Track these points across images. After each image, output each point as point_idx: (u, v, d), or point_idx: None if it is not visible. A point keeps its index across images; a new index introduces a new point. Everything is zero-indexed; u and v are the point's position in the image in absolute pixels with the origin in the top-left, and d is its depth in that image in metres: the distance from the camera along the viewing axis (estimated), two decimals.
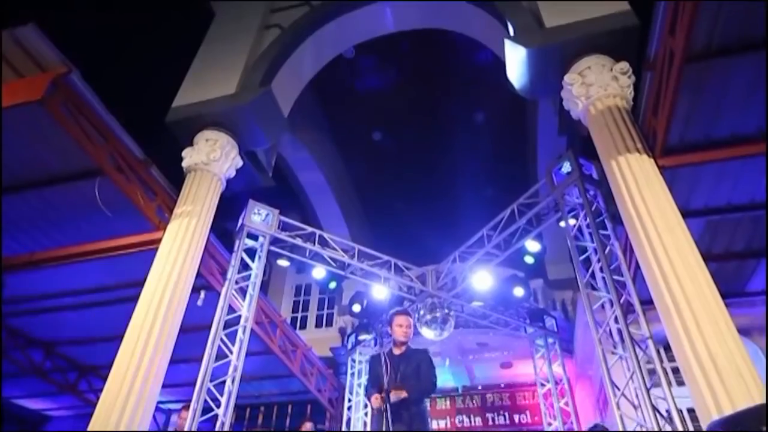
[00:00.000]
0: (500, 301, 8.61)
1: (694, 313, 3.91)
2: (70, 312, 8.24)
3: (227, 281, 6.51)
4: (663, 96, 4.64)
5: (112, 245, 5.88)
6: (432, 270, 8.37)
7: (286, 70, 6.78)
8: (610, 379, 4.79)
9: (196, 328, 7.01)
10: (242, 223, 6.95)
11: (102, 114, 5.15)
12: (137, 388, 4.67)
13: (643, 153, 4.70)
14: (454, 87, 10.78)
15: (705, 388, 3.75)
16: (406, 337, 4.28)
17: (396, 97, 11.19)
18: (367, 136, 12.31)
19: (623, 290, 5.23)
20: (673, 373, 7.60)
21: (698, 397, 3.75)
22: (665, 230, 4.24)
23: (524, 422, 10.43)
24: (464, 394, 11.06)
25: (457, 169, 11.54)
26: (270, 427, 11.71)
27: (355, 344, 9.84)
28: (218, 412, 5.63)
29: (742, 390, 3.58)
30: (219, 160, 6.31)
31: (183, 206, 5.79)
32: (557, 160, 6.40)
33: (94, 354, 9.59)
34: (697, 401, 3.79)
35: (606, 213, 5.88)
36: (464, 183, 11.51)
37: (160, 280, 5.26)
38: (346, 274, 7.96)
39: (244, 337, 6.19)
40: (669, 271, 4.13)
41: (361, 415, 9.25)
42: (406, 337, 4.28)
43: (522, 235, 7.09)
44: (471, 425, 10.65)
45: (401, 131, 11.79)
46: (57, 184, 5.82)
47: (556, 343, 9.24)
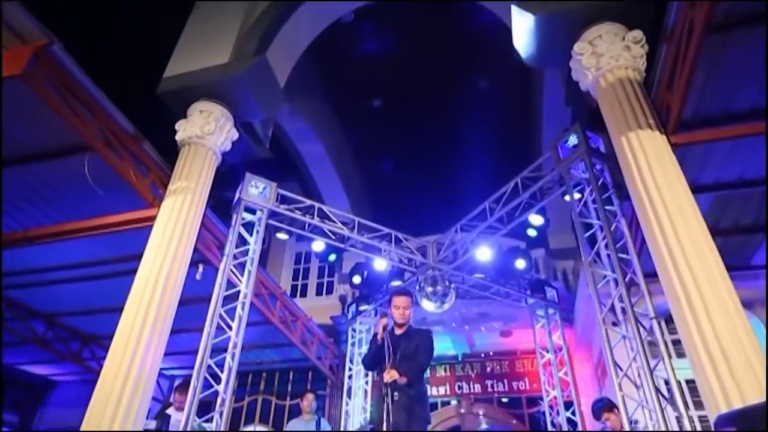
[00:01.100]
0: (502, 273, 8.54)
1: (699, 288, 3.83)
2: (69, 284, 8.20)
3: (225, 256, 6.41)
4: (680, 69, 4.39)
5: (106, 222, 5.74)
6: (433, 242, 8.27)
7: (281, 38, 6.46)
8: (613, 359, 4.74)
9: (196, 299, 6.98)
10: (239, 196, 6.80)
11: (89, 87, 4.90)
12: (138, 359, 4.67)
13: (655, 129, 4.49)
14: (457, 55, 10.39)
15: (706, 359, 3.72)
16: (403, 318, 4.24)
17: (396, 65, 10.81)
18: (367, 106, 11.97)
19: (628, 269, 5.13)
20: (674, 345, 7.63)
21: (699, 369, 3.73)
22: (675, 210, 4.10)
23: (523, 389, 10.58)
24: (464, 362, 11.18)
25: (458, 139, 11.25)
26: (272, 393, 11.88)
27: (356, 314, 9.86)
28: (218, 388, 5.63)
29: (743, 361, 3.55)
30: (213, 133, 6.10)
31: (177, 182, 5.62)
32: (563, 134, 6.18)
33: (95, 324, 9.63)
34: (697, 372, 3.76)
35: (613, 188, 5.72)
36: (466, 153, 11.26)
37: (156, 258, 5.16)
38: (345, 247, 7.87)
39: (244, 313, 6.14)
40: (676, 247, 4.03)
41: (362, 383, 9.36)
42: (403, 318, 4.24)
43: (525, 209, 6.94)
44: (470, 392, 10.80)
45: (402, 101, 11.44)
46: (47, 160, 5.63)
47: (557, 314, 9.25)
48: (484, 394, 10.75)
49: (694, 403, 7.11)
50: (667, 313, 4.90)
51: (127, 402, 4.53)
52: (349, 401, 9.20)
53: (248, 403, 11.89)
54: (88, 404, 4.53)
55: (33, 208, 6.38)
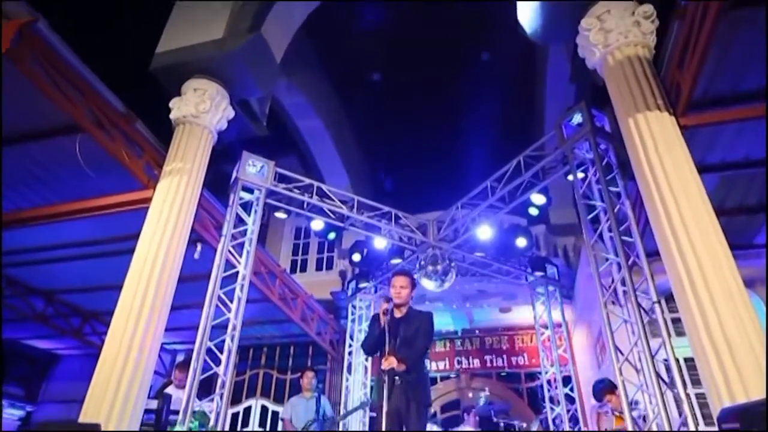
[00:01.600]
0: (502, 251, 8.50)
1: (702, 267, 3.79)
2: (67, 263, 8.16)
3: (223, 237, 6.34)
4: (692, 48, 4.21)
5: (100, 204, 5.64)
6: (433, 221, 8.19)
7: (276, 12, 6.21)
8: (614, 344, 4.72)
9: (195, 277, 6.93)
10: (236, 176, 6.68)
11: (77, 66, 4.73)
12: (138, 338, 4.68)
13: (664, 110, 4.35)
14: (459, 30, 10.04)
15: (706, 338, 3.69)
16: (400, 298, 4.15)
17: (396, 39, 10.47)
18: (366, 80, 11.68)
19: (632, 252, 5.06)
20: (673, 323, 7.64)
21: (698, 348, 3.72)
22: (681, 193, 4.02)
23: (522, 364, 10.68)
24: (463, 337, 11.25)
25: (459, 116, 11.02)
26: (273, 367, 12.01)
27: (356, 291, 9.86)
28: (218, 370, 5.63)
29: (743, 341, 3.53)
30: (209, 111, 5.94)
31: (173, 163, 5.50)
32: (568, 112, 6.02)
33: (95, 301, 9.65)
34: (696, 351, 3.76)
35: (617, 169, 5.60)
36: (467, 130, 11.04)
37: (152, 242, 5.09)
38: (345, 226, 7.79)
39: (243, 294, 6.10)
40: (680, 229, 3.98)
41: (361, 360, 9.42)
42: (400, 298, 4.15)
43: (527, 188, 6.83)
44: (469, 367, 10.91)
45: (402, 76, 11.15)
46: (39, 140, 5.49)
47: (557, 291, 9.25)
48: (483, 368, 10.85)
49: (691, 380, 7.19)
50: (668, 292, 4.90)
51: (129, 378, 4.55)
52: (350, 377, 9.28)
53: (250, 377, 12.04)
54: (92, 378, 4.55)
55: (27, 188, 6.27)
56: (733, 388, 3.46)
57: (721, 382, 3.56)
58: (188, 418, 4.71)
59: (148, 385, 4.88)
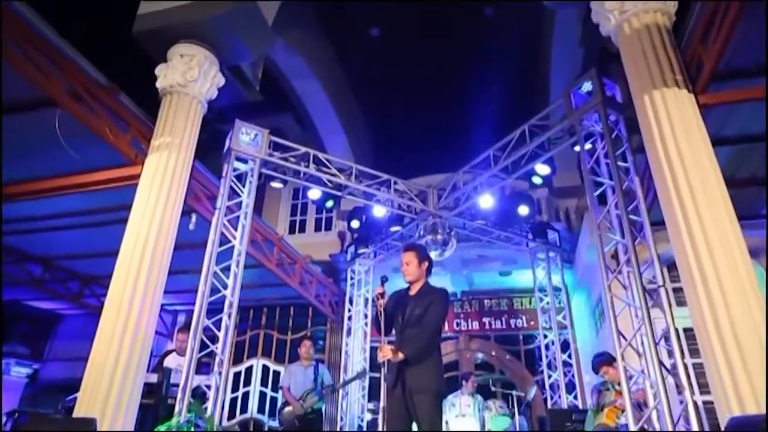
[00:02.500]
0: (504, 218, 8.34)
1: (707, 237, 3.67)
2: (61, 231, 8.02)
3: (217, 210, 6.16)
4: (719, 21, 3.87)
5: (88, 180, 5.43)
6: (434, 188, 7.97)
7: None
8: (617, 329, 4.63)
9: (192, 245, 6.80)
10: (229, 146, 6.41)
11: (50, 37, 4.38)
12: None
13: (683, 87, 4.06)
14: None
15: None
16: (409, 275, 3.89)
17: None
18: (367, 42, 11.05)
19: (638, 233, 4.89)
20: (674, 292, 7.59)
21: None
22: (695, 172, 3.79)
23: (520, 326, 10.76)
24: (463, 300, 11.28)
25: (462, 80, 10.50)
26: (273, 327, 12.13)
27: (354, 256, 9.77)
28: (216, 349, 5.59)
29: (744, 308, 3.45)
30: (197, 80, 5.60)
31: (161, 137, 5.23)
32: (577, 80, 5.68)
33: (93, 266, 9.59)
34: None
35: (627, 143, 5.34)
36: (470, 95, 10.58)
37: (142, 222, 4.91)
38: (343, 195, 7.60)
39: (239, 270, 5.98)
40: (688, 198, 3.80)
41: (361, 324, 9.46)
42: (409, 275, 3.89)
43: (532, 158, 6.58)
44: (468, 329, 11.00)
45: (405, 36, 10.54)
46: (18, 113, 5.19)
47: (558, 257, 9.17)
48: (482, 331, 10.95)
49: (690, 351, 7.22)
50: (671, 260, 4.78)
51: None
52: (349, 341, 9.35)
53: (250, 337, 12.18)
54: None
55: (10, 161, 6.02)
56: (731, 359, 3.37)
57: (718, 349, 3.47)
58: (185, 409, 4.68)
59: (149, 345, 4.83)
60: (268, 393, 11.34)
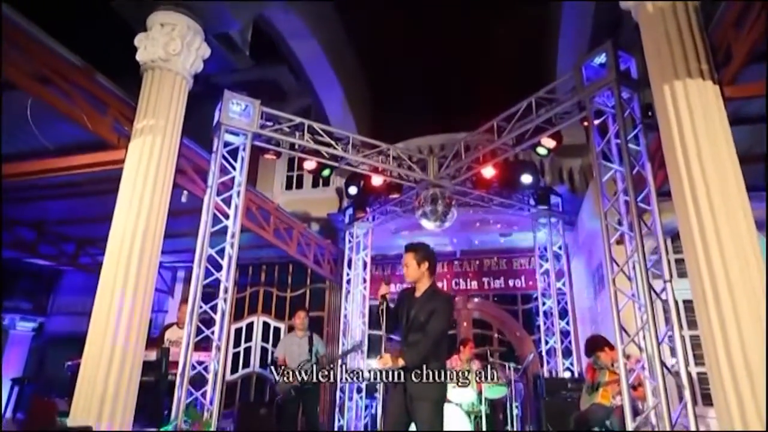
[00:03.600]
0: (506, 186, 8.11)
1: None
2: (51, 200, 7.81)
3: (209, 188, 5.93)
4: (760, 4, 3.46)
5: (70, 164, 5.16)
6: (434, 157, 7.68)
7: None
8: (620, 324, 4.54)
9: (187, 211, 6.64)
10: (218, 120, 6.07)
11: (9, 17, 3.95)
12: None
13: (708, 78, 3.72)
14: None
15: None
16: (408, 277, 3.84)
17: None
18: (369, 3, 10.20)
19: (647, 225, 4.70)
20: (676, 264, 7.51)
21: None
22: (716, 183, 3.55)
23: (519, 286, 10.78)
24: (462, 259, 11.23)
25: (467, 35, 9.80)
26: (272, 284, 12.19)
27: (352, 219, 9.62)
28: (212, 336, 5.54)
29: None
30: (180, 53, 5.18)
31: (143, 120, 4.89)
32: (590, 54, 5.27)
33: (88, 231, 9.45)
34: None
35: (641, 125, 5.03)
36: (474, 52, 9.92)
37: (129, 212, 4.68)
38: (339, 165, 7.32)
39: (233, 253, 5.84)
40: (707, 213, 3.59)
41: (360, 289, 9.45)
42: (408, 277, 3.84)
43: (537, 132, 6.27)
44: (467, 288, 11.04)
45: None
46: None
47: (559, 222, 9.03)
48: (481, 290, 10.99)
49: (688, 323, 7.23)
50: (674, 230, 4.63)
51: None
52: (348, 305, 9.38)
53: (250, 294, 12.27)
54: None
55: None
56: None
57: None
58: (180, 416, 4.68)
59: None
60: (269, 348, 11.57)
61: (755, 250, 3.51)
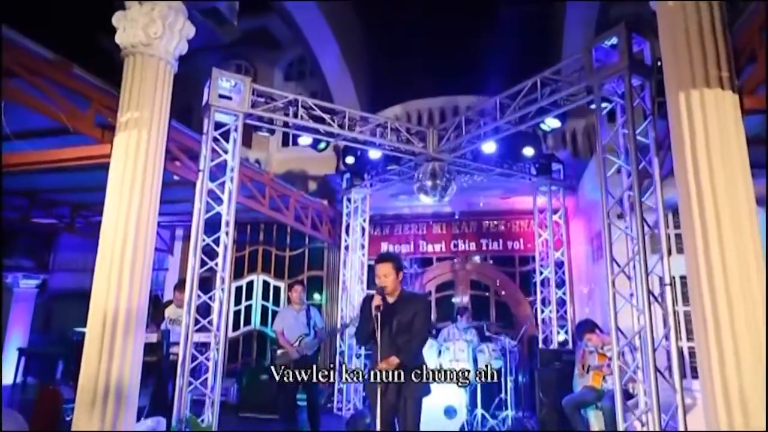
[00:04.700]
0: (507, 157, 7.90)
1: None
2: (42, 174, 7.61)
3: (201, 173, 5.76)
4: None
5: (54, 158, 4.95)
6: (433, 130, 7.41)
7: None
8: (616, 324, 4.54)
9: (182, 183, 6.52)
10: (207, 100, 5.79)
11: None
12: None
13: (727, 88, 3.47)
14: None
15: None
16: (387, 287, 3.96)
17: None
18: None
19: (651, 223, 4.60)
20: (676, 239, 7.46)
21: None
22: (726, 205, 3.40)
23: (517, 249, 10.79)
24: (461, 220, 11.16)
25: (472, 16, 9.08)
26: (271, 244, 12.23)
27: (350, 185, 9.46)
28: (211, 327, 5.57)
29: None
30: (162, 36, 4.80)
31: (127, 113, 4.61)
32: (602, 37, 4.93)
33: (81, 198, 9.33)
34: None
35: (651, 117, 4.79)
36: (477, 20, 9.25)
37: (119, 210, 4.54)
38: (335, 140, 7.08)
39: (228, 241, 5.75)
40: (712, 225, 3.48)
41: (358, 255, 9.45)
42: (387, 287, 3.96)
43: (541, 112, 6.00)
44: (466, 250, 11.05)
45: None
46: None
47: (560, 190, 8.89)
48: (479, 252, 11.01)
49: (683, 298, 7.28)
50: (675, 206, 4.56)
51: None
52: (346, 272, 9.42)
53: (250, 253, 12.34)
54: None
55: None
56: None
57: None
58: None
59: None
60: (269, 306, 11.80)
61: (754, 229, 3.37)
